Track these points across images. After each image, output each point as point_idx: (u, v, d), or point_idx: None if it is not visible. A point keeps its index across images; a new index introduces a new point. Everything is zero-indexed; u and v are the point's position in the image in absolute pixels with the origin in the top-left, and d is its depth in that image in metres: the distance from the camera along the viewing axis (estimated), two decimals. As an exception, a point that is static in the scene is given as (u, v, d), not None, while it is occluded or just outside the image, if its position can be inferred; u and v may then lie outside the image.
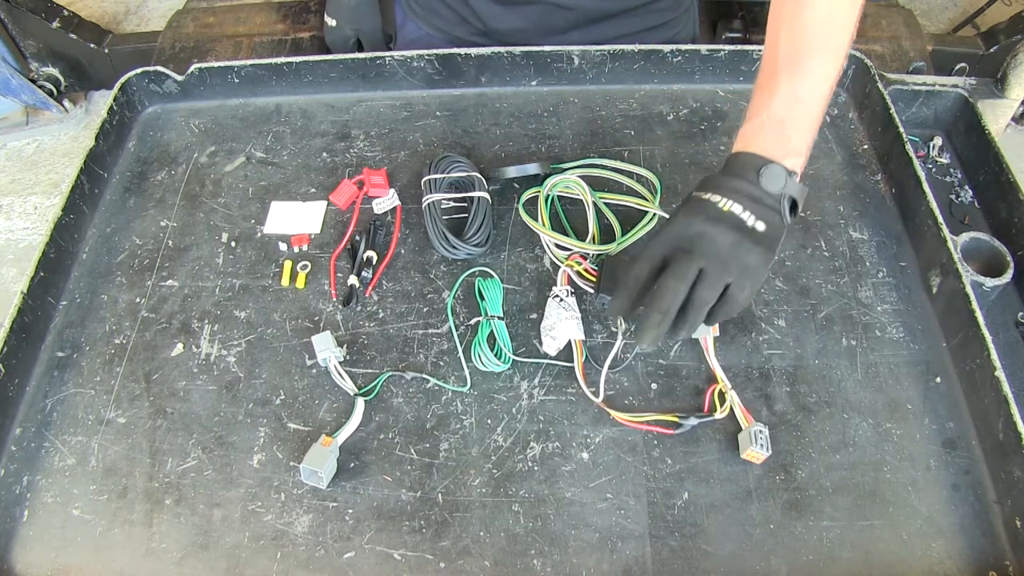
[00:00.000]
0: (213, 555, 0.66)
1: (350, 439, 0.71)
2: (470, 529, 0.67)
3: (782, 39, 0.67)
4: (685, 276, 0.61)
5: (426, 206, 0.84)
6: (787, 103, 0.65)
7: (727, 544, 0.66)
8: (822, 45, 0.65)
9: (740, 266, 0.61)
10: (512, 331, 0.78)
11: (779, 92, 0.65)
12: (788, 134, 0.65)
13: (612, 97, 0.99)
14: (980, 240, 0.79)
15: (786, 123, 0.65)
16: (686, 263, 0.61)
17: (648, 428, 0.71)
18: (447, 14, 1.03)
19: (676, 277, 0.61)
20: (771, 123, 0.65)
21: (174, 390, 0.76)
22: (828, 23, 0.66)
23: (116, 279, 0.84)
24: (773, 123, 0.65)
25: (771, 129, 0.65)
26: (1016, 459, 0.65)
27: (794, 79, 0.65)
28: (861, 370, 0.75)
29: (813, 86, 0.65)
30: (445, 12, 1.03)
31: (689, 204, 0.65)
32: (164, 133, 0.99)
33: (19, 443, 0.73)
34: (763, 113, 0.65)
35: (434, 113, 0.98)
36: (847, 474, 0.69)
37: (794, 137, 0.65)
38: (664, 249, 0.63)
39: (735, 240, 0.61)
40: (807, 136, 0.66)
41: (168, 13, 1.95)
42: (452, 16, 1.03)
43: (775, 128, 0.65)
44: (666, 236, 0.63)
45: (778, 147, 0.64)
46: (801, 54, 0.65)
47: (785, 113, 0.65)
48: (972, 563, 0.64)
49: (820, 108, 0.66)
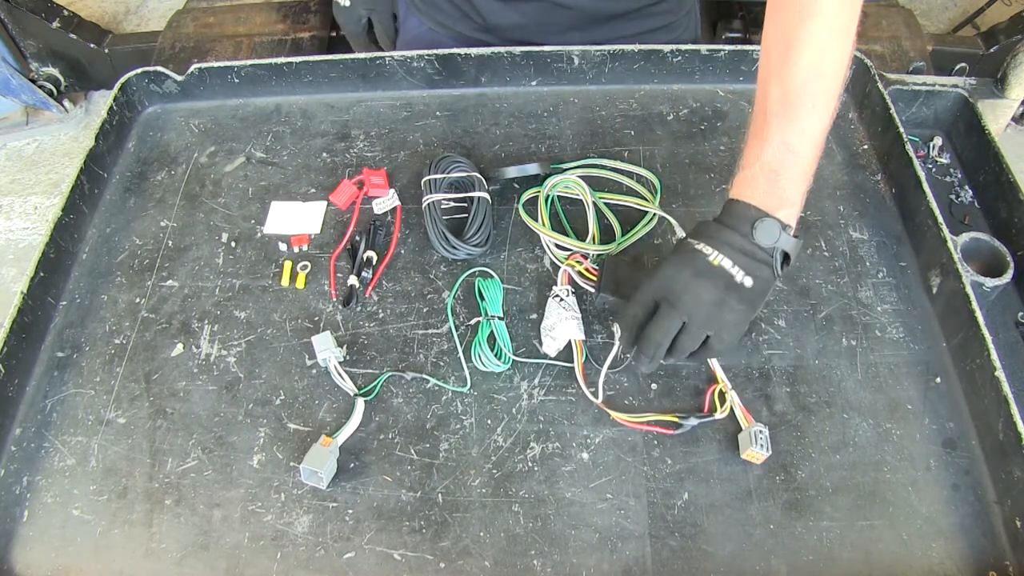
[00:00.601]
0: (213, 555, 0.66)
1: (350, 439, 0.71)
2: (470, 529, 0.67)
3: (772, 88, 0.67)
4: (668, 329, 0.65)
5: (426, 206, 0.84)
6: (779, 152, 0.65)
7: (727, 544, 0.66)
8: (812, 93, 0.65)
9: (720, 323, 0.65)
10: (512, 331, 0.78)
11: (771, 141, 0.65)
12: (783, 184, 0.65)
13: (612, 97, 0.99)
14: (980, 240, 0.79)
15: (779, 173, 0.65)
16: (669, 315, 0.65)
17: (648, 428, 0.71)
18: (449, 9, 1.03)
19: (660, 330, 0.65)
20: (764, 173, 0.65)
21: (174, 390, 0.76)
22: (817, 71, 0.65)
23: (116, 279, 0.84)
24: (766, 173, 0.65)
25: (764, 179, 0.65)
26: (1016, 459, 0.65)
27: (785, 128, 0.65)
28: (861, 370, 0.75)
29: (805, 135, 0.65)
30: (447, 7, 1.03)
31: (682, 252, 0.67)
32: (164, 133, 0.99)
33: (19, 443, 0.73)
34: (756, 164, 0.66)
35: (434, 113, 0.98)
36: (847, 474, 0.69)
37: (788, 188, 0.65)
38: (654, 295, 0.66)
39: (719, 299, 0.64)
40: (801, 186, 0.66)
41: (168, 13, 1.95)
42: (454, 11, 1.03)
43: (768, 178, 0.65)
44: (657, 284, 0.66)
45: (773, 198, 0.65)
46: (791, 103, 0.65)
47: (778, 163, 0.65)
48: (972, 563, 0.64)
49: (813, 157, 0.66)
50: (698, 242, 0.66)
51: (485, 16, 1.01)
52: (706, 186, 0.89)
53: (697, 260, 0.65)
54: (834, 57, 0.66)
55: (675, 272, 0.65)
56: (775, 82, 0.66)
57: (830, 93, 0.66)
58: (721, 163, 0.91)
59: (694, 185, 0.89)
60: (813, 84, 0.65)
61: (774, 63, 0.67)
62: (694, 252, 0.66)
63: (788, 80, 0.66)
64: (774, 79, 0.67)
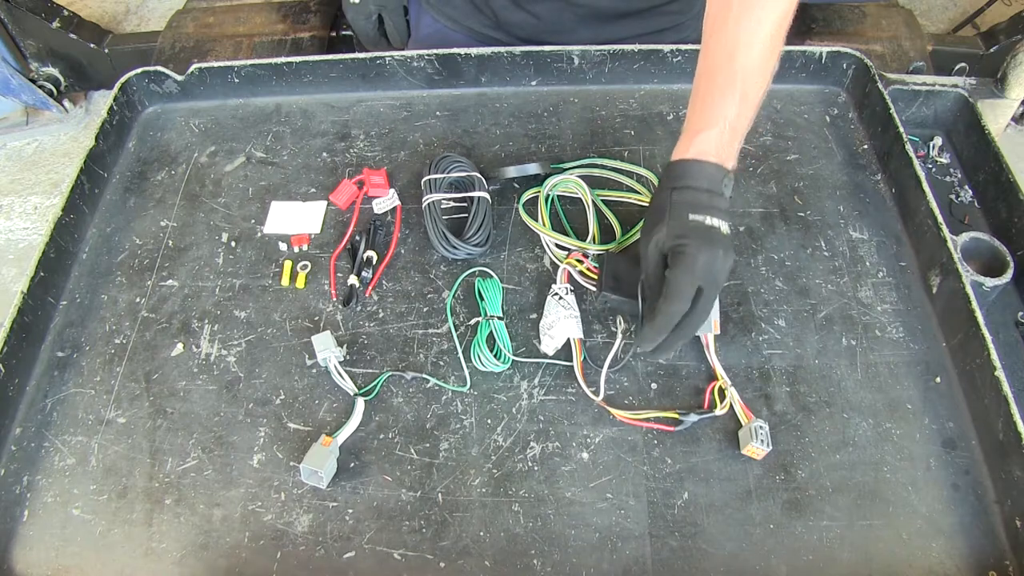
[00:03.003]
0: (213, 555, 0.66)
1: (350, 439, 0.71)
2: (470, 529, 0.67)
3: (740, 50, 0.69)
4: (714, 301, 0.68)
5: (426, 206, 0.84)
6: (741, 111, 0.69)
7: (727, 544, 0.66)
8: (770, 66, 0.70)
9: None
10: (512, 331, 0.78)
11: (737, 100, 0.69)
12: (737, 142, 0.70)
13: (612, 97, 0.99)
14: (980, 240, 0.79)
15: (738, 132, 0.70)
16: (712, 297, 0.66)
17: (649, 425, 0.71)
18: (461, 5, 1.04)
19: (705, 312, 0.66)
20: (729, 131, 0.69)
21: (174, 390, 0.76)
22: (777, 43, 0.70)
23: (116, 279, 0.84)
24: (730, 131, 0.69)
25: (729, 138, 0.69)
26: (1016, 459, 0.65)
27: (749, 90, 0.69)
28: (861, 370, 0.75)
29: (755, 102, 0.70)
30: (460, 3, 1.04)
31: (701, 233, 0.66)
32: (164, 133, 0.99)
33: (19, 443, 0.73)
34: (723, 121, 0.69)
35: (434, 113, 0.98)
36: (847, 474, 0.69)
37: (738, 145, 0.70)
38: (695, 284, 0.66)
39: (731, 259, 0.67)
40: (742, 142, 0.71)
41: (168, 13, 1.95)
42: (466, 7, 1.04)
43: (732, 137, 0.69)
44: (700, 274, 0.65)
45: (731, 157, 0.70)
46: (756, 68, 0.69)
47: (737, 122, 0.69)
48: (972, 563, 0.64)
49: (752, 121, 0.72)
50: (703, 216, 0.67)
51: (497, 12, 1.01)
52: (706, 186, 0.89)
53: (714, 236, 0.66)
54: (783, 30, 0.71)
55: (710, 257, 0.65)
56: (744, 45, 0.69)
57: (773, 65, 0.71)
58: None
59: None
60: (772, 58, 0.70)
61: (745, 22, 0.69)
62: (710, 229, 0.66)
63: (757, 47, 0.69)
64: (743, 39, 0.69)
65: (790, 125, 0.95)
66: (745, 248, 0.84)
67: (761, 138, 0.94)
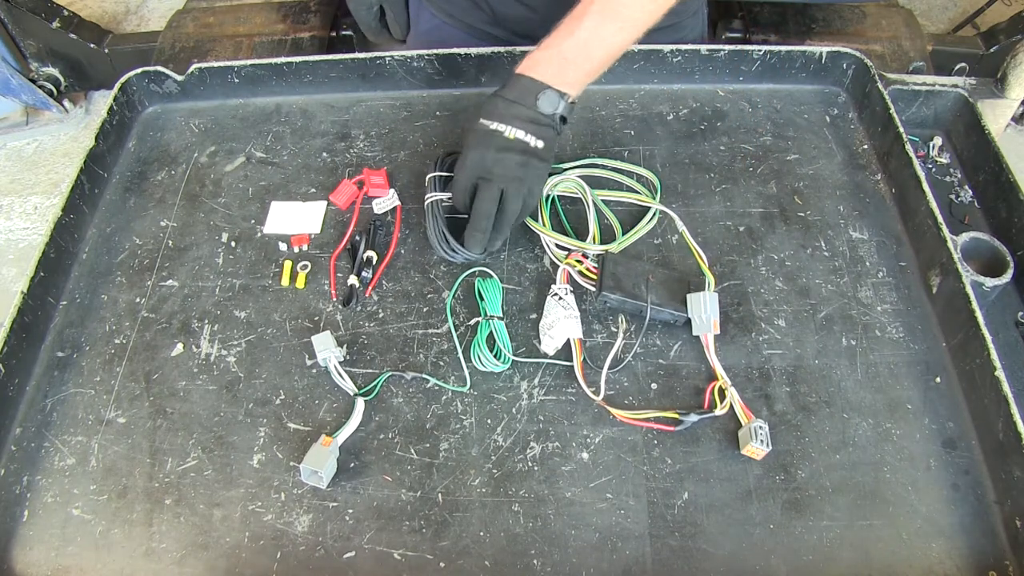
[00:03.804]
0: (213, 555, 0.66)
1: (350, 439, 0.71)
2: (470, 529, 0.67)
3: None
4: (492, 199, 0.76)
5: (428, 204, 0.84)
6: (579, 50, 0.76)
7: (727, 544, 0.66)
8: (630, 14, 0.77)
9: (530, 180, 0.77)
10: (512, 331, 0.78)
11: (577, 37, 0.76)
12: (570, 72, 0.77)
13: (612, 97, 0.99)
14: (980, 240, 0.79)
15: (570, 64, 0.76)
16: (488, 188, 0.76)
17: (649, 425, 0.71)
18: (459, 0, 1.04)
19: (485, 201, 0.76)
20: (558, 59, 0.76)
21: (174, 390, 0.76)
22: None
23: (116, 279, 0.84)
24: (560, 59, 0.76)
25: (557, 64, 0.76)
26: (1016, 459, 0.65)
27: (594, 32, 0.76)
28: (861, 370, 0.75)
29: (605, 47, 0.78)
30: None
31: (481, 136, 0.76)
32: (164, 133, 0.99)
33: (19, 443, 0.73)
34: (554, 49, 0.76)
35: (434, 113, 0.98)
36: (847, 474, 0.69)
37: (571, 75, 0.77)
38: (469, 178, 0.77)
39: (522, 161, 0.76)
40: (583, 79, 0.78)
41: (168, 13, 1.95)
42: (464, 3, 1.03)
43: (560, 64, 0.76)
44: (469, 168, 0.77)
45: (557, 77, 0.76)
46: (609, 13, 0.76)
47: (573, 56, 0.76)
48: (972, 563, 0.64)
49: (603, 67, 0.79)
50: (491, 123, 0.76)
51: (494, 8, 1.01)
52: (706, 185, 0.89)
53: (495, 138, 0.76)
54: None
55: (481, 154, 0.76)
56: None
57: (645, 19, 0.78)
58: (721, 163, 0.91)
59: (694, 185, 0.89)
60: (635, 6, 0.77)
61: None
62: (491, 132, 0.76)
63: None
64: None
65: (790, 125, 0.95)
66: (745, 248, 0.84)
67: (761, 138, 0.94)
